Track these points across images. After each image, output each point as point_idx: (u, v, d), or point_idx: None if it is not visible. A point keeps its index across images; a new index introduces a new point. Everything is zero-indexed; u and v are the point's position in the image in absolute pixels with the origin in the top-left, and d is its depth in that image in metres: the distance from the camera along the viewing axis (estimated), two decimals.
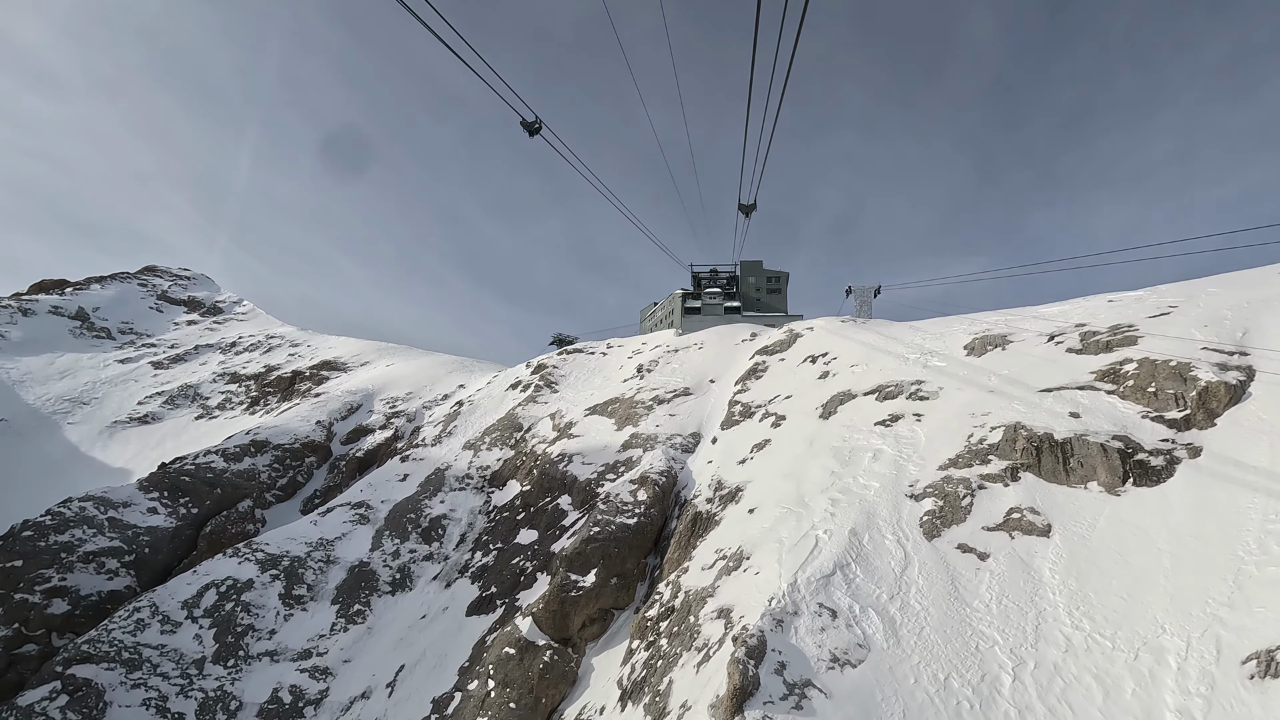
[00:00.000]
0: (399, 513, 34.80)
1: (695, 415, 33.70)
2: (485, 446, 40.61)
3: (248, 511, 38.08)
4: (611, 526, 24.13)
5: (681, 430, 32.17)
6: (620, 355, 49.97)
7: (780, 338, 39.65)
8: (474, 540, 32.37)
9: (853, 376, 27.81)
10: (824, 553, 16.33)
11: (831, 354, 32.46)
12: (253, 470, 40.32)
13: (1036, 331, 24.10)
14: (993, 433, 18.95)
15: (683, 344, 46.11)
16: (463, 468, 38.66)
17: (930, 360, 25.80)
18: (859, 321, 37.99)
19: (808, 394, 28.86)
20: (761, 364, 36.61)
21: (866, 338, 32.57)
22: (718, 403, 34.58)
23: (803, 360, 33.95)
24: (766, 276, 60.47)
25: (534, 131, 9.11)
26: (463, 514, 34.73)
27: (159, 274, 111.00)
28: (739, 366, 38.97)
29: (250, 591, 29.28)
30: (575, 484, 30.55)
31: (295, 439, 44.60)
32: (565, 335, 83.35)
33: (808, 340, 37.05)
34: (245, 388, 78.27)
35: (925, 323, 32.64)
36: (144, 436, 69.17)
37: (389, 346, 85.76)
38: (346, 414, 52.27)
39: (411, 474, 39.05)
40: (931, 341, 28.23)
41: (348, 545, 32.52)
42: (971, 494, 17.14)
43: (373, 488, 37.74)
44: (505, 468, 37.70)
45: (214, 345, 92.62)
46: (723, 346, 43.94)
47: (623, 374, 44.34)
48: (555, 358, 52.53)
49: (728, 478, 25.17)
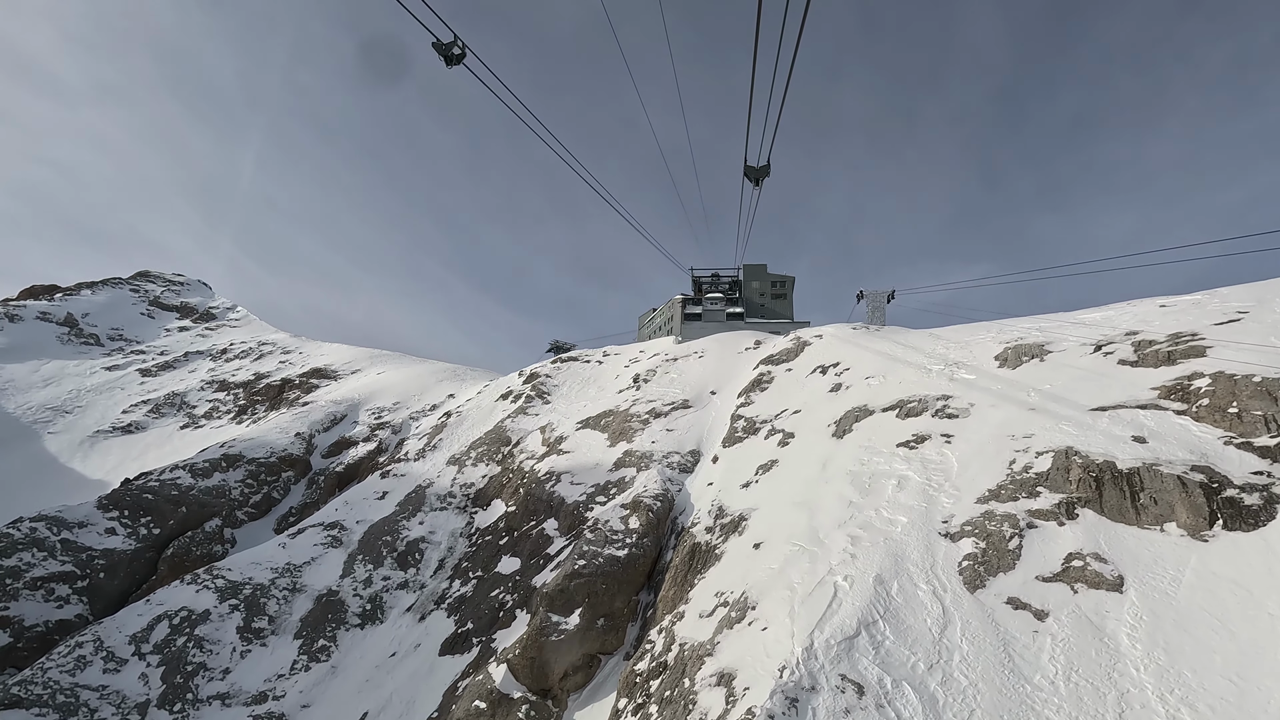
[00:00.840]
0: (375, 535, 32.19)
1: (694, 431, 31.01)
2: (471, 462, 38.01)
3: (215, 532, 35.53)
4: (599, 560, 21.45)
5: (679, 447, 29.48)
6: (616, 364, 47.35)
7: (786, 346, 36.95)
8: (453, 566, 29.71)
9: (869, 390, 25.14)
10: (845, 606, 13.63)
11: (843, 364, 29.78)
12: (223, 487, 37.79)
13: (1079, 340, 21.37)
14: (1039, 459, 16.24)
15: (682, 352, 43.42)
16: (445, 485, 36.06)
17: (957, 372, 23.10)
18: (872, 329, 35.25)
19: (818, 409, 26.18)
20: (766, 375, 33.91)
21: (882, 346, 29.89)
22: (719, 417, 31.87)
23: (812, 371, 31.27)
24: (771, 281, 56.93)
25: (453, 61, 6.64)
26: (443, 536, 32.09)
27: (152, 279, 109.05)
28: (742, 377, 36.27)
29: (206, 624, 26.68)
30: (563, 507, 27.88)
31: (271, 452, 42.10)
32: (562, 342, 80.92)
33: (817, 349, 34.34)
34: (234, 396, 75.91)
35: (947, 330, 29.91)
36: (126, 447, 66.79)
37: (382, 354, 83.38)
38: (329, 425, 49.78)
39: (391, 491, 36.47)
40: (956, 351, 25.53)
41: (317, 571, 29.90)
42: (1019, 534, 14.42)
43: (349, 506, 35.16)
44: (491, 485, 35.07)
45: (205, 352, 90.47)
46: (724, 355, 41.26)
47: (618, 384, 41.71)
48: (549, 366, 49.99)
49: (730, 504, 22.48)
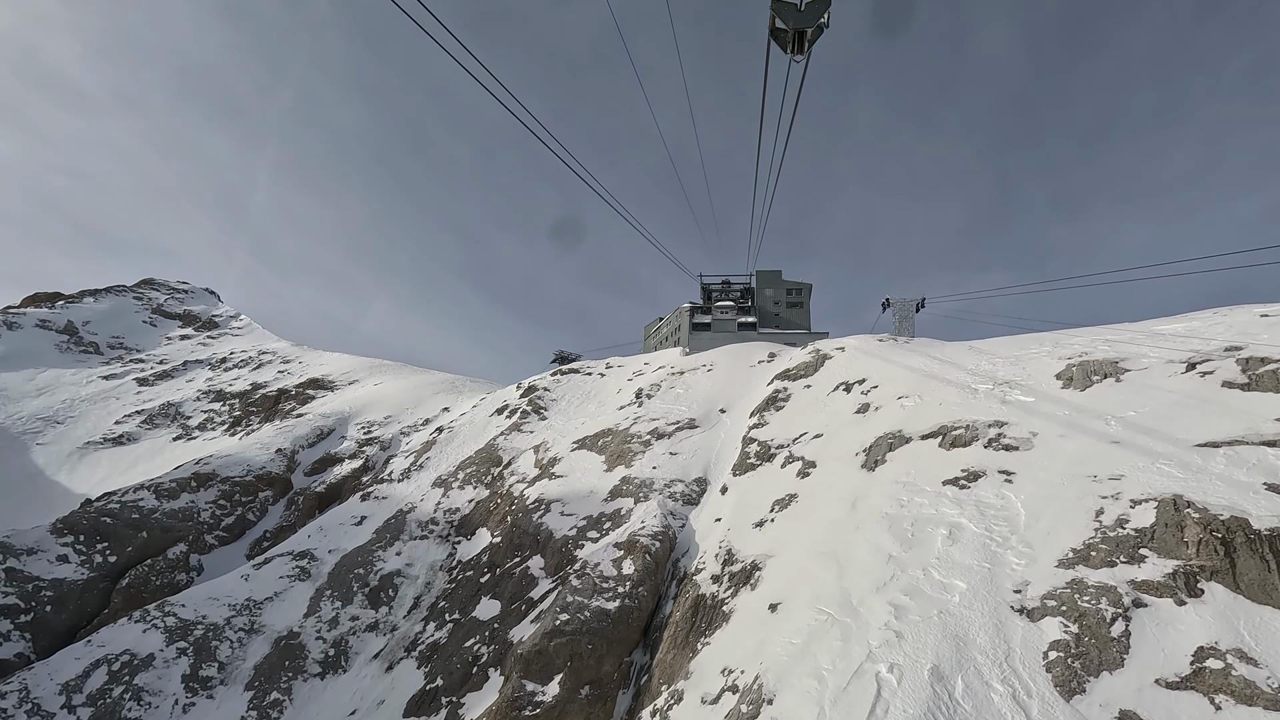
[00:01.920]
0: (347, 566, 29.10)
1: (701, 455, 27.63)
2: (458, 484, 34.89)
3: (179, 559, 32.64)
4: (585, 614, 18.11)
5: (683, 474, 26.11)
6: (619, 377, 44.12)
7: (805, 360, 33.48)
8: (429, 606, 26.48)
9: (903, 412, 21.65)
10: (893, 713, 10.20)
11: (871, 381, 26.30)
12: (191, 509, 34.96)
13: (1163, 357, 17.80)
14: (1137, 510, 12.71)
15: (689, 365, 40.08)
16: (428, 510, 32.93)
17: (1010, 393, 19.56)
18: (900, 341, 31.68)
19: (843, 433, 22.72)
20: (782, 391, 30.47)
21: (914, 361, 26.38)
22: (729, 439, 28.48)
23: (834, 388, 27.79)
24: (786, 288, 53.03)
25: None
26: (421, 570, 28.91)
27: (156, 287, 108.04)
28: (755, 394, 32.86)
29: (148, 671, 23.65)
30: (550, 542, 24.59)
31: (248, 470, 39.29)
32: (567, 353, 77.95)
33: (839, 363, 30.87)
34: (229, 407, 73.63)
35: (989, 343, 26.32)
36: (116, 459, 64.59)
37: (382, 364, 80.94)
38: (315, 440, 47.00)
39: (370, 516, 33.41)
40: (1005, 368, 21.98)
41: (279, 609, 26.81)
42: (1124, 615, 10.90)
43: (323, 533, 32.14)
44: (477, 512, 31.88)
45: (204, 361, 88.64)
46: (736, 369, 37.87)
47: (619, 399, 38.45)
48: (548, 379, 46.90)
49: (741, 547, 19.08)
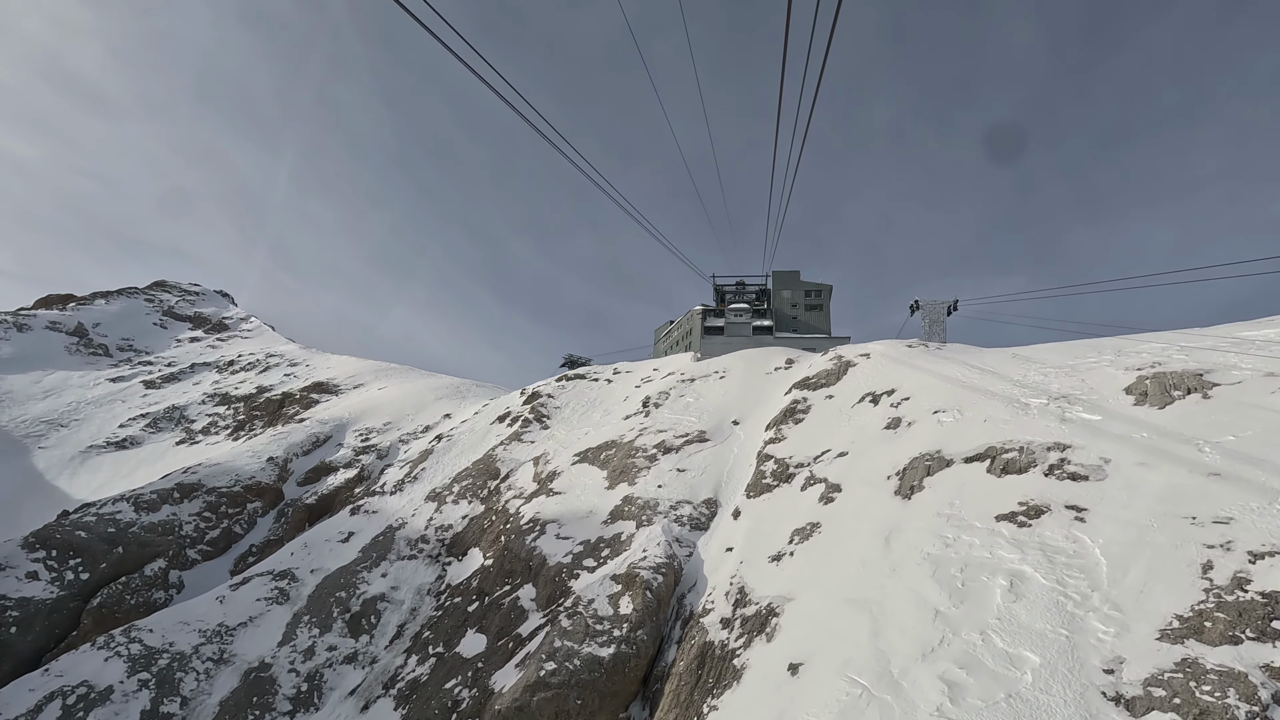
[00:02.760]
0: (329, 589, 27.03)
1: (711, 472, 25.12)
2: (452, 498, 32.72)
3: (157, 575, 30.85)
4: (574, 662, 15.71)
5: (691, 495, 23.62)
6: (626, 384, 41.73)
7: (826, 367, 30.81)
8: (413, 635, 24.27)
9: (941, 429, 18.98)
10: None
11: (901, 392, 23.62)
12: (172, 522, 33.20)
13: (1260, 369, 14.99)
14: (1260, 567, 10.03)
15: (700, 371, 37.56)
16: (419, 526, 30.79)
17: (1070, 409, 16.82)
18: (932, 347, 28.90)
19: (872, 452, 20.10)
20: (801, 402, 27.85)
21: (950, 370, 23.65)
22: (742, 455, 25.95)
23: (859, 399, 25.14)
24: (805, 290, 49.76)
25: None
26: (407, 594, 26.73)
27: (168, 289, 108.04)
28: (771, 404, 30.26)
29: (104, 706, 21.70)
30: (543, 569, 22.23)
31: (236, 480, 37.52)
32: (577, 356, 75.94)
33: (864, 371, 28.17)
34: (234, 410, 72.54)
35: (1035, 350, 23.48)
36: (118, 463, 63.62)
37: (389, 367, 79.50)
38: (310, 448, 45.23)
39: (358, 532, 31.36)
40: (1060, 380, 19.20)
41: (252, 637, 24.78)
42: (1262, 716, 8.27)
43: (307, 550, 30.14)
44: (470, 530, 29.67)
45: (211, 364, 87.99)
46: (750, 376, 35.29)
47: (626, 408, 36.05)
48: (553, 385, 44.67)
49: (755, 585, 16.57)
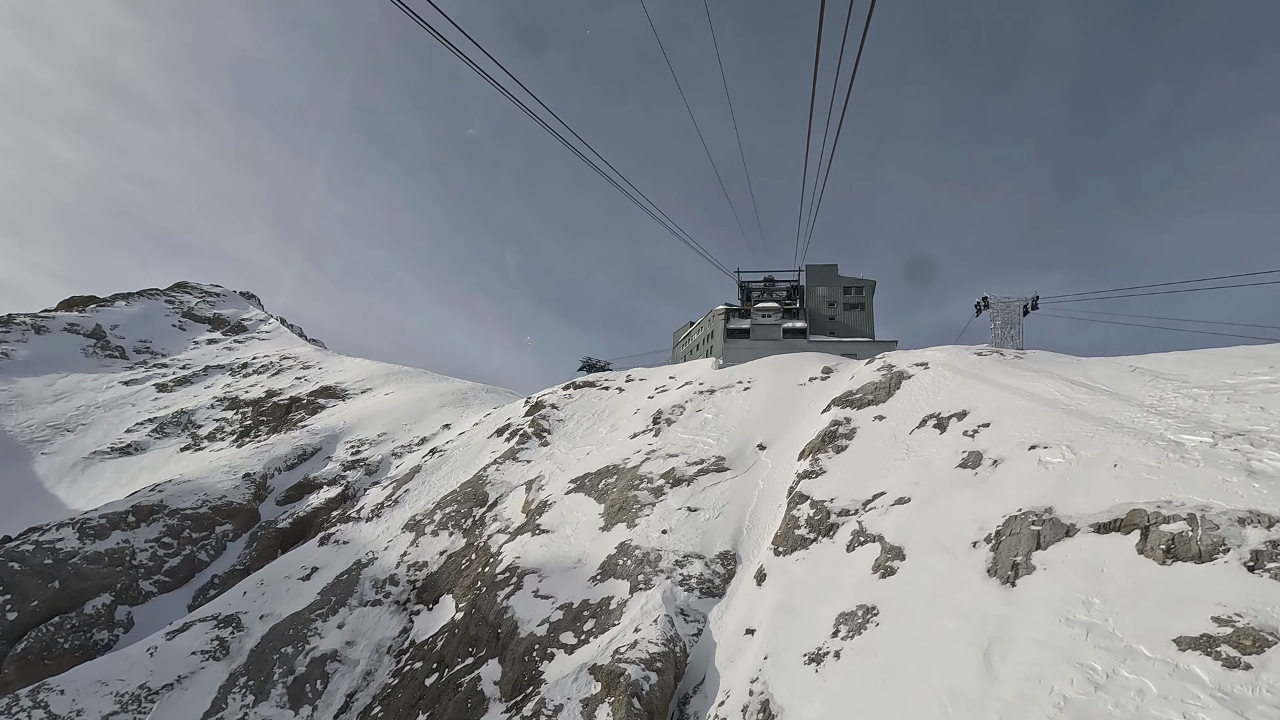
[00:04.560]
0: (275, 641, 22.86)
1: (730, 514, 20.00)
2: (432, 528, 28.37)
3: (100, 613, 27.25)
4: None
5: (703, 545, 18.54)
6: (639, 394, 36.82)
7: (873, 379, 25.30)
8: (362, 710, 19.84)
9: (1045, 475, 13.52)
10: None
11: (977, 415, 18.11)
12: (123, 550, 29.66)
13: None
14: None
15: (721, 381, 32.32)
16: (390, 564, 26.49)
17: (1259, 455, 11.26)
18: (1009, 355, 23.14)
19: (945, 501, 14.74)
20: (843, 424, 22.46)
21: (1043, 388, 18.02)
22: (769, 490, 20.76)
23: (920, 423, 19.68)
24: (844, 286, 43.24)
25: None
26: (364, 652, 22.36)
27: (189, 290, 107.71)
28: (805, 424, 24.95)
29: None
30: (513, 641, 17.48)
31: (204, 500, 33.94)
32: (595, 360, 71.45)
33: (922, 385, 22.63)
34: (241, 415, 70.13)
35: (1162, 361, 17.63)
36: (120, 470, 61.46)
37: (401, 370, 76.28)
38: (296, 461, 41.64)
39: (323, 568, 27.25)
40: (1223, 407, 13.51)
41: (175, 705, 20.71)
42: None
43: (261, 590, 26.14)
44: (446, 570, 25.21)
45: (225, 367, 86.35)
46: (780, 388, 29.95)
47: (635, 423, 31.12)
48: (559, 394, 40.11)
49: (786, 702, 11.50)
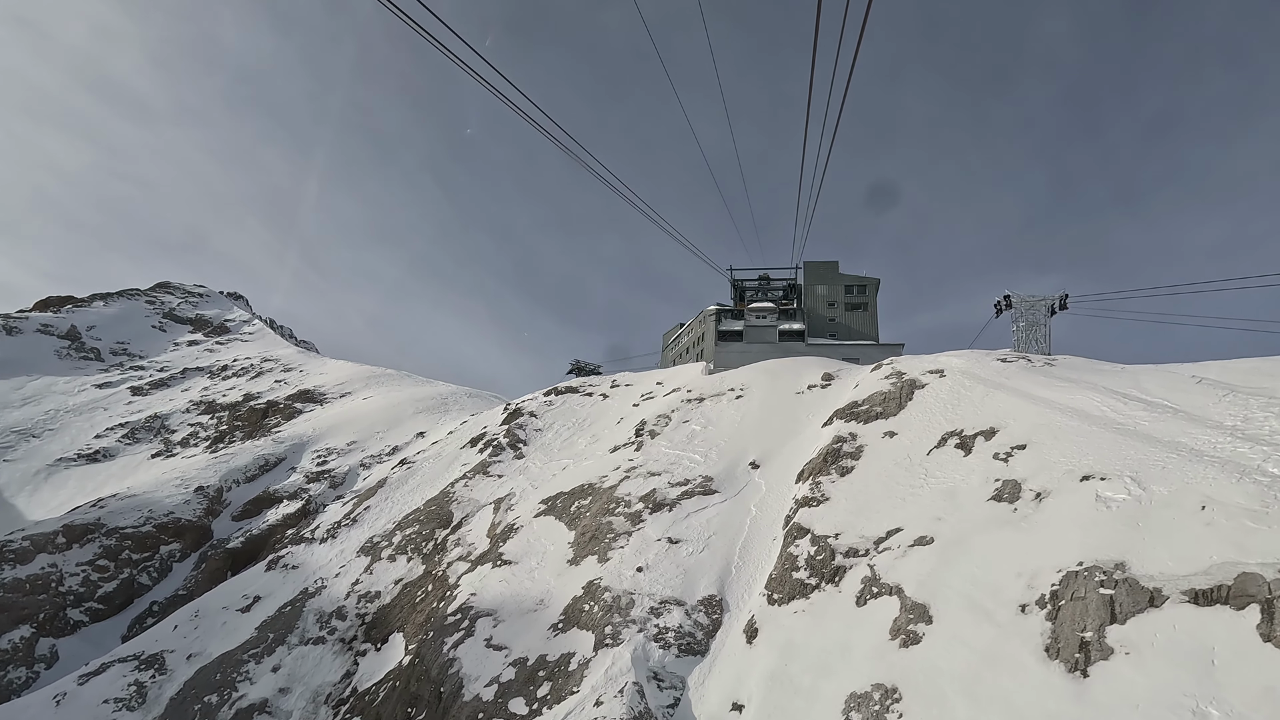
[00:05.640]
0: (200, 687, 20.02)
1: (716, 547, 17.19)
2: (389, 552, 25.55)
3: (18, 648, 24.41)
4: None
5: (684, 588, 15.72)
6: (624, 401, 34.00)
7: (880, 388, 22.50)
8: None
9: (1107, 516, 10.74)
10: None
11: (1009, 433, 15.31)
12: (49, 575, 26.81)
13: None
14: None
15: (712, 388, 29.50)
16: (339, 593, 23.65)
17: None
18: (1037, 361, 20.36)
19: (979, 543, 11.95)
20: (848, 440, 19.66)
21: (1085, 401, 15.24)
22: (762, 519, 17.95)
23: (939, 441, 16.87)
24: (845, 285, 40.67)
25: None
26: (299, 701, 19.52)
27: (171, 291, 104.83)
28: (804, 439, 22.15)
29: None
30: (455, 705, 14.61)
31: (147, 517, 31.09)
32: (585, 363, 68.41)
33: (938, 395, 19.84)
34: (217, 420, 67.26)
35: (1228, 371, 14.86)
36: (85, 478, 58.41)
37: (384, 374, 73.38)
38: (257, 473, 38.81)
39: (266, 597, 24.41)
40: None
41: None
42: None
43: (195, 623, 23.30)
44: (400, 603, 22.38)
45: (205, 369, 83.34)
46: (776, 397, 27.16)
47: (616, 435, 28.30)
48: (539, 400, 37.30)
49: None
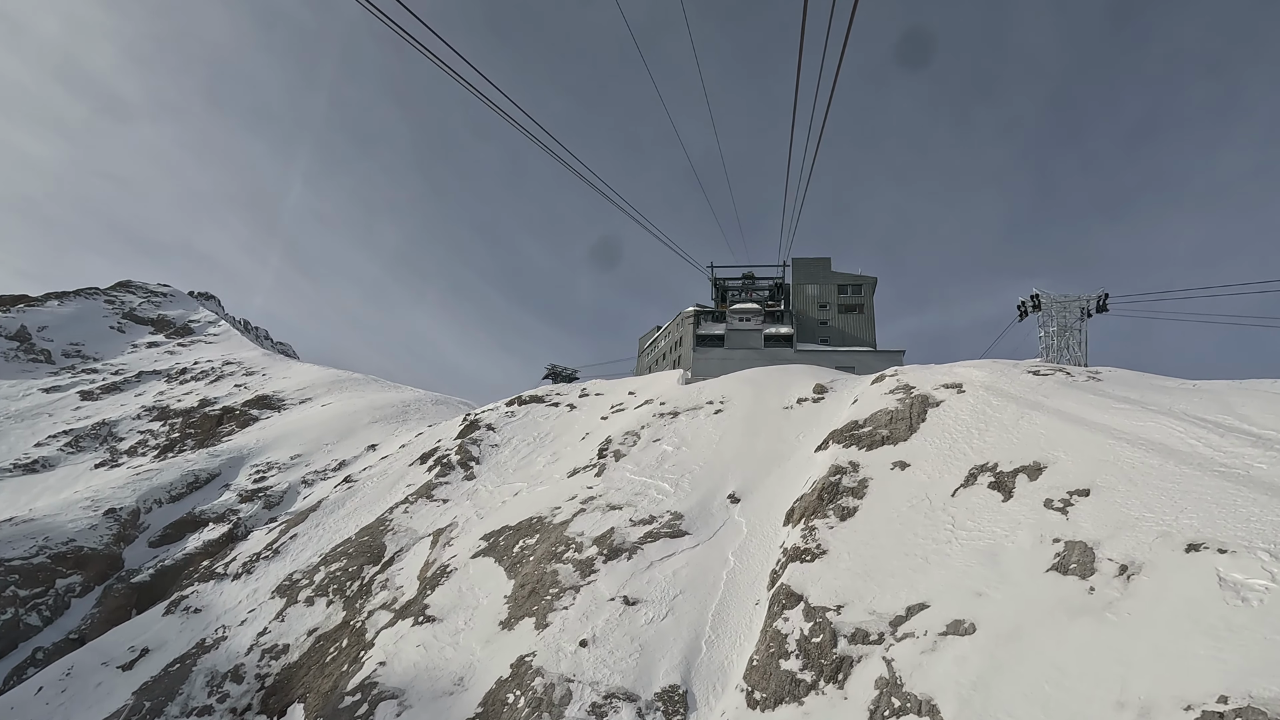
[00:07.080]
0: None
1: (684, 611, 13.58)
2: (308, 593, 21.72)
3: None
4: None
5: (638, 675, 12.05)
6: (591, 414, 30.34)
7: (884, 404, 19.01)
8: None
9: (1245, 613, 7.28)
10: None
11: (1063, 471, 11.84)
12: None
13: None
14: None
15: (688, 401, 25.87)
16: (242, 647, 19.79)
17: None
18: (1078, 376, 16.95)
19: (1042, 643, 8.46)
20: (848, 471, 16.15)
21: (1163, 431, 11.82)
22: (742, 573, 14.36)
23: (967, 479, 13.36)
24: (839, 285, 36.98)
25: None
26: None
27: (132, 290, 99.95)
28: (793, 465, 18.64)
29: None
30: None
31: (41, 546, 27.02)
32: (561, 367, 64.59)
33: (958, 416, 16.40)
34: (169, 427, 62.82)
35: None
36: (19, 490, 53.70)
37: (350, 378, 69.26)
38: (184, 491, 34.76)
39: (156, 649, 20.52)
40: None
41: None
42: None
43: (63, 683, 19.37)
44: (309, 661, 18.57)
45: (163, 372, 78.68)
46: (761, 411, 23.63)
47: (578, 454, 24.62)
48: (500, 412, 33.56)
49: None
